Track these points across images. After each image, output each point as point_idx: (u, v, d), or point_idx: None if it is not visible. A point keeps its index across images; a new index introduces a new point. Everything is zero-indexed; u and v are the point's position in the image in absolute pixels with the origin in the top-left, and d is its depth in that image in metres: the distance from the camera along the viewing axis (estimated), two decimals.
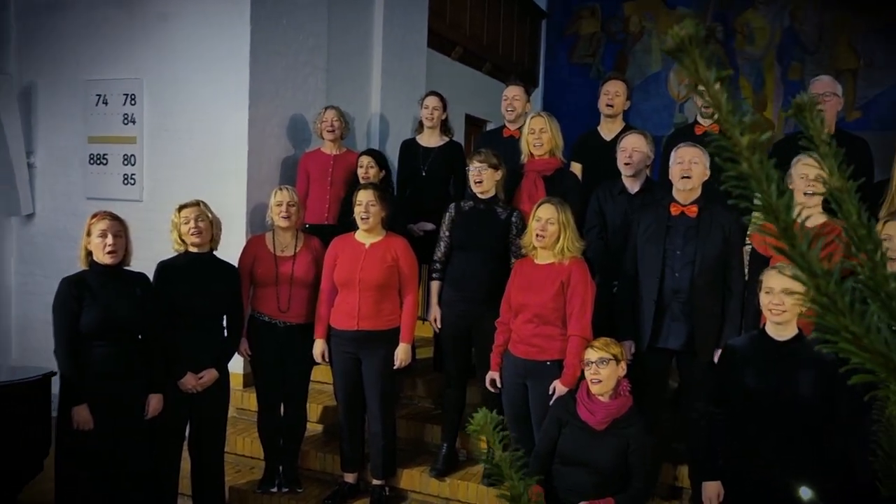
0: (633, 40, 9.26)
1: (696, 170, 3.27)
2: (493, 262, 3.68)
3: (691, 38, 0.44)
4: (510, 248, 3.68)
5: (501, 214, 3.72)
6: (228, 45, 4.59)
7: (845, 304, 0.44)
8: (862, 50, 8.09)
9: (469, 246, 3.72)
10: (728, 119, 0.45)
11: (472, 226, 3.72)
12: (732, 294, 3.29)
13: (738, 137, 0.45)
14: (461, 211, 3.79)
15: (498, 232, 3.69)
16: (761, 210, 0.46)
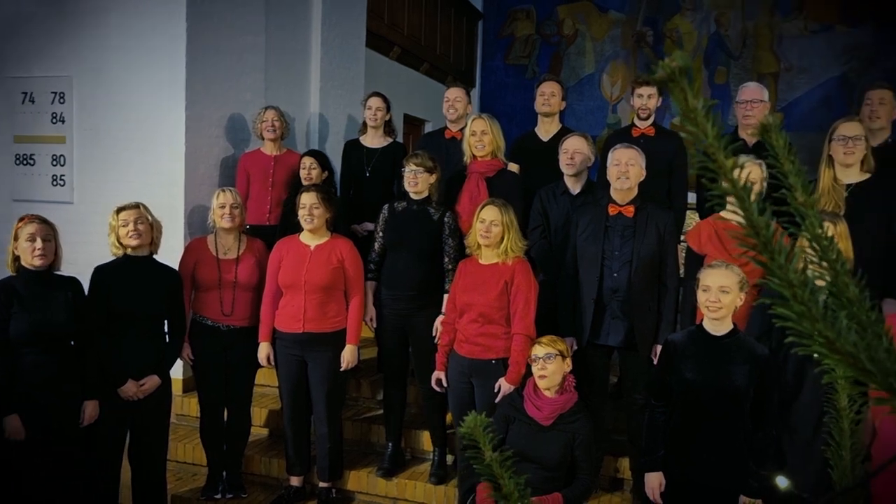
0: (568, 42, 9.45)
1: (632, 171, 3.38)
2: (426, 261, 3.72)
3: (681, 69, 0.48)
4: (443, 247, 3.73)
5: (434, 215, 3.76)
6: (164, 41, 4.48)
7: (819, 311, 0.48)
8: (782, 55, 8.48)
9: (402, 246, 3.75)
10: (713, 144, 0.49)
11: (404, 226, 3.75)
12: (668, 291, 3.41)
13: (723, 161, 0.49)
14: (394, 211, 3.82)
15: (430, 232, 3.73)
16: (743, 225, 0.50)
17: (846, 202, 3.29)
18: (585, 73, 9.39)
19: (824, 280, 0.50)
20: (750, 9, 8.58)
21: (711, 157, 0.49)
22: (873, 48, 8.14)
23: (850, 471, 0.72)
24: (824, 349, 0.48)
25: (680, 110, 0.49)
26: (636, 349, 3.39)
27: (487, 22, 9.67)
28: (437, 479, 3.83)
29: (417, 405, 4.19)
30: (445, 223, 3.73)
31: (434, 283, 3.69)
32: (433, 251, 3.72)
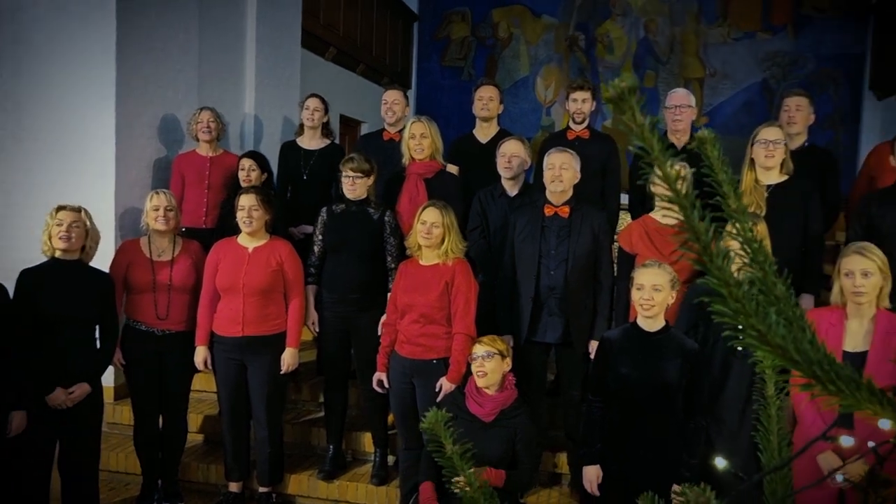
0: (503, 46, 9.58)
1: (566, 175, 3.48)
2: (368, 262, 3.73)
3: (629, 89, 0.52)
4: (385, 247, 3.75)
5: (374, 215, 3.78)
6: (92, 37, 4.34)
7: (752, 308, 0.53)
8: (707, 61, 8.81)
9: (343, 248, 3.75)
10: (659, 157, 0.54)
11: (344, 228, 3.76)
12: (603, 288, 3.53)
13: (668, 172, 0.54)
14: (333, 214, 3.82)
15: (371, 232, 3.75)
16: (686, 230, 0.55)
17: (766, 202, 3.47)
18: (520, 76, 9.54)
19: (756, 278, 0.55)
20: (677, 16, 8.89)
21: (657, 169, 0.54)
22: (791, 55, 8.55)
23: (777, 453, 0.79)
24: (756, 342, 0.54)
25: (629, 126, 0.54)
26: (573, 346, 3.49)
27: (423, 24, 9.72)
28: (379, 480, 3.85)
29: (358, 407, 4.19)
30: (386, 222, 3.75)
31: (377, 284, 3.70)
32: (375, 252, 3.74)
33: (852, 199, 4.26)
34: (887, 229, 3.39)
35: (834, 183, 3.99)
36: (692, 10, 8.84)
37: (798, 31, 8.52)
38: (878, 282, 2.63)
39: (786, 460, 0.74)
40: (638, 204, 4.19)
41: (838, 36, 8.41)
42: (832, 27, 8.43)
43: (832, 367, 0.53)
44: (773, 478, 0.77)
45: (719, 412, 2.95)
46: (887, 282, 2.65)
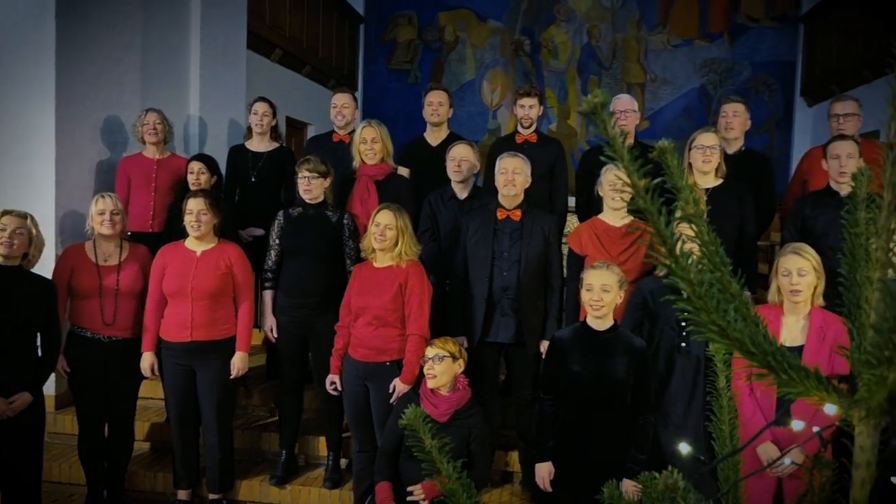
0: (449, 49, 9.64)
1: (518, 179, 3.55)
2: (328, 266, 3.73)
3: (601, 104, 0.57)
4: (344, 250, 3.75)
5: (332, 217, 3.78)
6: (31, 38, 4.22)
7: (713, 304, 0.58)
8: (648, 66, 9.05)
9: (301, 252, 3.73)
10: (629, 166, 0.58)
11: (303, 231, 3.74)
12: (553, 289, 3.61)
13: (637, 181, 0.58)
14: (290, 217, 3.80)
15: (330, 235, 3.75)
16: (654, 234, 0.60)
17: None
18: (466, 80, 9.61)
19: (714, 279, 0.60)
20: (619, 23, 9.10)
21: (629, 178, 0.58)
22: (728, 62, 8.85)
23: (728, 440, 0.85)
24: (717, 336, 0.58)
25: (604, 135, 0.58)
26: (525, 346, 3.56)
27: (369, 26, 9.71)
28: (332, 483, 3.84)
29: (311, 411, 4.18)
30: (345, 225, 3.75)
31: (336, 287, 3.68)
32: (333, 255, 3.73)
33: (786, 202, 4.44)
34: (820, 230, 3.56)
35: (769, 186, 4.17)
36: (633, 18, 9.06)
37: (734, 39, 8.83)
38: (813, 280, 2.76)
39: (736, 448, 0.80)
40: (584, 206, 4.29)
41: (771, 44, 8.75)
42: (765, 36, 8.76)
43: (784, 358, 0.58)
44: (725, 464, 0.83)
45: (665, 407, 3.05)
46: (821, 280, 2.79)
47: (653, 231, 0.59)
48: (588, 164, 4.32)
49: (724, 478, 0.82)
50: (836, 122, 4.09)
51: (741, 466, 0.89)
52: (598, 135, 1.07)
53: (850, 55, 7.16)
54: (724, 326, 0.57)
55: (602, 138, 0.61)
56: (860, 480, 0.56)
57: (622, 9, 9.09)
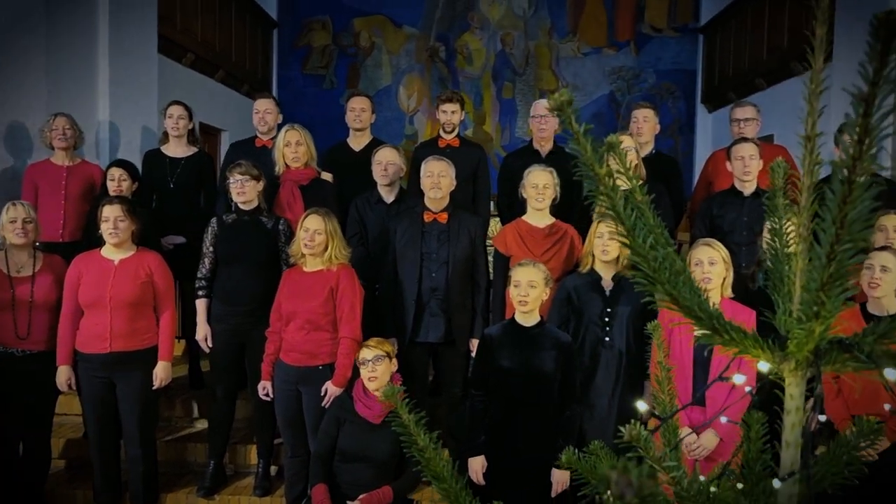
0: (365, 55, 9.65)
1: (444, 182, 3.63)
2: (264, 272, 3.69)
3: (567, 102, 0.63)
4: (280, 256, 3.73)
5: (267, 223, 3.76)
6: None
7: (665, 276, 0.66)
8: (560, 73, 9.34)
9: (237, 259, 3.69)
10: (591, 157, 0.65)
11: (237, 238, 3.70)
12: (480, 289, 3.70)
13: (598, 170, 0.65)
14: (224, 224, 3.75)
15: (266, 241, 3.72)
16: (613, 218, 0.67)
17: None
18: (383, 85, 9.64)
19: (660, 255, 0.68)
20: (531, 30, 9.36)
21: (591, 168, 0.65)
22: (634, 70, 9.24)
23: (667, 406, 0.94)
24: (670, 303, 0.66)
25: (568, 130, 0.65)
26: (454, 345, 3.63)
27: (283, 31, 9.60)
28: (263, 490, 3.80)
29: (238, 420, 4.11)
30: (281, 231, 3.73)
31: (272, 294, 3.64)
32: (270, 261, 3.70)
33: (693, 202, 4.70)
34: (727, 227, 3.80)
35: (678, 186, 4.41)
36: (545, 26, 9.33)
37: (640, 48, 9.22)
38: (722, 271, 2.95)
39: (674, 411, 0.89)
40: (506, 208, 4.41)
41: (674, 54, 9.19)
42: (668, 46, 9.20)
43: (725, 322, 0.66)
44: (667, 428, 0.92)
45: (591, 399, 3.19)
46: (729, 272, 2.99)
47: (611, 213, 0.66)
48: (509, 168, 4.44)
49: (666, 441, 0.91)
50: (738, 126, 4.36)
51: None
52: (514, 140, 1.09)
53: (745, 65, 7.63)
54: (676, 295, 0.65)
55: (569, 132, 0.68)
56: (791, 424, 0.65)
57: (534, 17, 9.35)
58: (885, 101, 0.50)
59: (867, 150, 0.52)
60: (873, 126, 0.50)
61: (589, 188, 0.68)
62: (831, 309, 0.58)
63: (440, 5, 9.51)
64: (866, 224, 0.54)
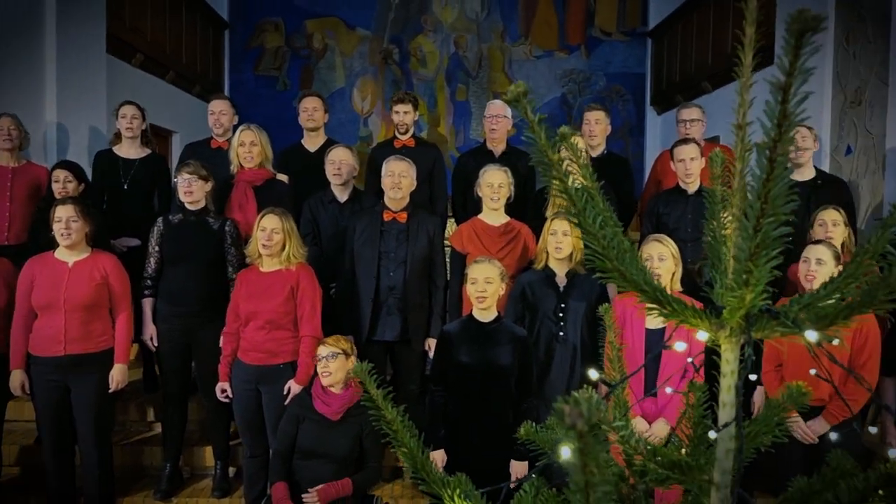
0: (318, 56, 9.62)
1: (405, 181, 3.68)
2: (210, 273, 3.68)
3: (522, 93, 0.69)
4: (226, 257, 3.72)
5: (214, 224, 3.74)
6: None
7: (613, 253, 0.72)
8: (513, 76, 9.46)
9: (183, 259, 3.67)
10: (545, 145, 0.70)
11: (184, 238, 3.68)
12: (437, 288, 3.76)
13: (552, 157, 0.71)
14: (170, 224, 3.73)
15: (212, 242, 3.71)
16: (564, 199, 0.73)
17: None
18: (336, 87, 9.62)
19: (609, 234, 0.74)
20: (484, 33, 9.46)
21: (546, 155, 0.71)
22: (585, 73, 9.42)
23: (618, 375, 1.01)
24: (618, 278, 0.72)
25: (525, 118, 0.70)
26: (410, 343, 3.68)
27: (234, 32, 9.51)
28: (222, 492, 3.79)
29: (194, 422, 4.09)
30: (227, 232, 3.72)
31: (218, 294, 3.64)
32: (216, 262, 3.68)
33: (643, 201, 4.84)
34: (673, 225, 3.93)
35: (629, 185, 4.54)
36: (497, 29, 9.45)
37: (590, 52, 9.41)
38: (671, 266, 3.07)
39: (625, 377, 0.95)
40: (461, 207, 4.48)
41: (623, 57, 9.40)
42: (618, 49, 9.41)
43: (667, 295, 0.72)
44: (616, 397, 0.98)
45: (546, 393, 3.27)
46: (678, 267, 3.10)
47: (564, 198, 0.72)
48: (463, 168, 4.51)
49: (617, 405, 0.98)
50: (684, 127, 4.51)
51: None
52: (468, 141, 1.13)
53: (691, 68, 7.85)
54: (624, 271, 0.71)
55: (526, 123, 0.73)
56: (727, 386, 0.72)
57: (486, 20, 9.46)
58: (800, 90, 0.57)
59: (785, 132, 0.58)
60: (790, 111, 0.57)
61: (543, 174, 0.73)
62: (759, 277, 0.65)
63: (393, 8, 9.54)
64: (787, 199, 0.61)
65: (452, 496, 0.84)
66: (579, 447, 0.45)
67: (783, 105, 0.57)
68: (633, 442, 0.82)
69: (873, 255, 0.68)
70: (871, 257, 0.68)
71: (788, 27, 0.53)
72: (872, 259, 0.70)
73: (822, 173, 4.10)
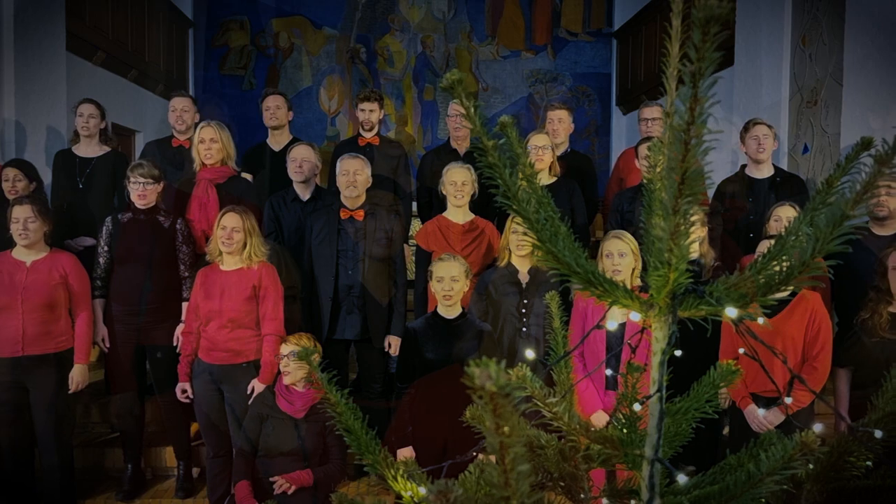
0: (284, 56, 9.57)
1: (359, 179, 3.69)
2: (160, 272, 3.65)
3: (458, 80, 0.71)
4: (178, 255, 3.69)
5: (164, 223, 3.71)
6: None
7: (546, 235, 0.74)
8: (480, 76, 9.51)
9: (132, 259, 3.63)
10: (481, 130, 0.73)
11: (133, 237, 3.64)
12: (398, 286, 3.76)
13: (487, 142, 0.73)
14: (119, 223, 3.69)
15: (163, 241, 3.67)
16: (501, 186, 0.75)
17: None
18: (303, 87, 9.59)
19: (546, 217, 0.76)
20: (451, 34, 9.50)
21: (481, 140, 0.73)
22: (552, 73, 9.51)
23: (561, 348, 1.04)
24: (551, 259, 0.75)
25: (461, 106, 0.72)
26: (371, 342, 3.68)
27: (199, 31, 9.42)
28: (185, 492, 3.76)
29: (154, 423, 4.05)
30: (178, 230, 3.68)
31: (170, 293, 3.60)
32: (167, 261, 3.65)
33: (607, 199, 4.91)
34: (636, 221, 3.98)
35: (592, 183, 4.59)
36: (464, 29, 9.49)
37: (557, 52, 9.50)
38: (632, 262, 3.12)
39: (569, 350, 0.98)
40: (425, 205, 4.49)
41: (589, 58, 9.51)
42: (584, 50, 9.51)
43: (599, 276, 0.75)
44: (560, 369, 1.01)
45: None
46: (639, 263, 3.15)
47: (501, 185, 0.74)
48: (427, 166, 4.53)
49: (559, 381, 1.00)
50: (645, 126, 4.58)
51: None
52: (436, 142, 1.14)
53: (655, 68, 7.97)
54: (556, 252, 0.74)
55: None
56: (658, 363, 0.74)
57: (453, 21, 9.49)
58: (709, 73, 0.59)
59: (698, 116, 0.61)
60: (701, 95, 0.60)
61: (478, 158, 0.75)
62: (680, 256, 0.68)
63: (360, 7, 9.53)
64: (703, 179, 0.64)
65: (395, 476, 0.86)
66: (490, 408, 0.47)
67: (694, 89, 0.60)
68: (566, 418, 0.85)
69: (796, 236, 0.71)
70: (795, 240, 0.72)
71: (694, 16, 0.55)
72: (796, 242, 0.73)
73: (780, 171, 4.20)
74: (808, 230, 0.69)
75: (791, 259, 0.69)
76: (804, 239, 0.69)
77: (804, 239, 0.69)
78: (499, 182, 0.75)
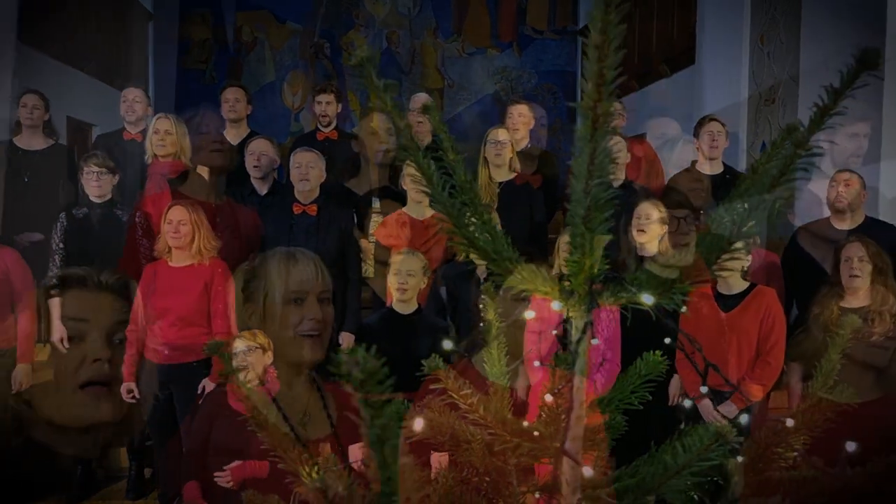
0: (247, 50, 9.45)
1: (312, 173, 3.64)
2: None
3: (367, 58, 0.67)
4: (139, 249, 3.60)
5: (122, 216, 3.63)
6: None
7: (461, 221, 0.71)
8: (446, 73, 9.49)
9: (91, 254, 3.54)
10: (393, 111, 0.70)
11: (90, 233, 3.55)
12: (351, 283, 3.72)
13: (399, 122, 0.70)
14: (75, 218, 3.59)
15: (121, 236, 3.59)
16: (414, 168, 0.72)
17: (498, 196, 3.91)
18: (266, 81, 9.47)
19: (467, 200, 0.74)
20: (416, 30, 9.45)
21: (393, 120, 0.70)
22: (517, 70, 9.52)
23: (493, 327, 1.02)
24: (467, 245, 0.72)
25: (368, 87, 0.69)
26: None
27: (158, 23, 9.24)
28: (136, 494, 3.68)
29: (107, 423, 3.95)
30: (138, 223, 3.59)
31: None
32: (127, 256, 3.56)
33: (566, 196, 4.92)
34: None
35: (554, 178, 4.60)
36: (430, 26, 9.45)
37: (522, 49, 9.51)
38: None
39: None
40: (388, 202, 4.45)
41: (554, 55, 9.54)
42: (549, 47, 9.53)
43: (517, 263, 0.73)
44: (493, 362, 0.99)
45: None
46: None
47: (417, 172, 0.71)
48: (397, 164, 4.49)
49: (491, 367, 0.99)
50: None
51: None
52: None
53: None
54: (470, 236, 0.71)
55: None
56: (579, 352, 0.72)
57: (419, 16, 9.45)
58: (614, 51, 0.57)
59: (605, 94, 0.59)
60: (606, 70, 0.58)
61: (397, 140, 0.72)
62: (594, 241, 0.65)
63: (324, 2, 9.44)
64: (612, 160, 0.61)
65: (310, 474, 0.83)
66: (360, 397, 0.44)
67: (600, 64, 0.57)
68: (482, 410, 0.82)
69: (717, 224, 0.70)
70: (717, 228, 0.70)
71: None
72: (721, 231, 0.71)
73: (729, 168, 4.26)
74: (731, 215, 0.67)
75: (709, 246, 0.68)
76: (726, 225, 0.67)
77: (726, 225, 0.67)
78: (412, 164, 0.72)
